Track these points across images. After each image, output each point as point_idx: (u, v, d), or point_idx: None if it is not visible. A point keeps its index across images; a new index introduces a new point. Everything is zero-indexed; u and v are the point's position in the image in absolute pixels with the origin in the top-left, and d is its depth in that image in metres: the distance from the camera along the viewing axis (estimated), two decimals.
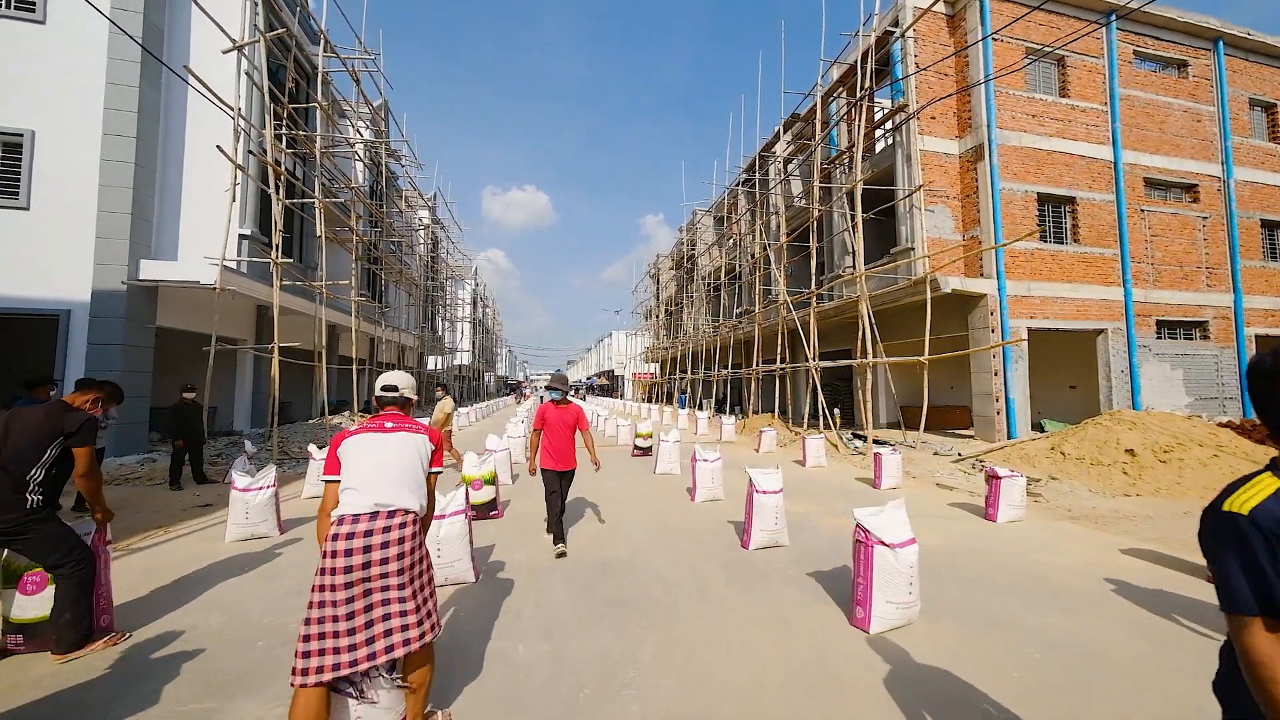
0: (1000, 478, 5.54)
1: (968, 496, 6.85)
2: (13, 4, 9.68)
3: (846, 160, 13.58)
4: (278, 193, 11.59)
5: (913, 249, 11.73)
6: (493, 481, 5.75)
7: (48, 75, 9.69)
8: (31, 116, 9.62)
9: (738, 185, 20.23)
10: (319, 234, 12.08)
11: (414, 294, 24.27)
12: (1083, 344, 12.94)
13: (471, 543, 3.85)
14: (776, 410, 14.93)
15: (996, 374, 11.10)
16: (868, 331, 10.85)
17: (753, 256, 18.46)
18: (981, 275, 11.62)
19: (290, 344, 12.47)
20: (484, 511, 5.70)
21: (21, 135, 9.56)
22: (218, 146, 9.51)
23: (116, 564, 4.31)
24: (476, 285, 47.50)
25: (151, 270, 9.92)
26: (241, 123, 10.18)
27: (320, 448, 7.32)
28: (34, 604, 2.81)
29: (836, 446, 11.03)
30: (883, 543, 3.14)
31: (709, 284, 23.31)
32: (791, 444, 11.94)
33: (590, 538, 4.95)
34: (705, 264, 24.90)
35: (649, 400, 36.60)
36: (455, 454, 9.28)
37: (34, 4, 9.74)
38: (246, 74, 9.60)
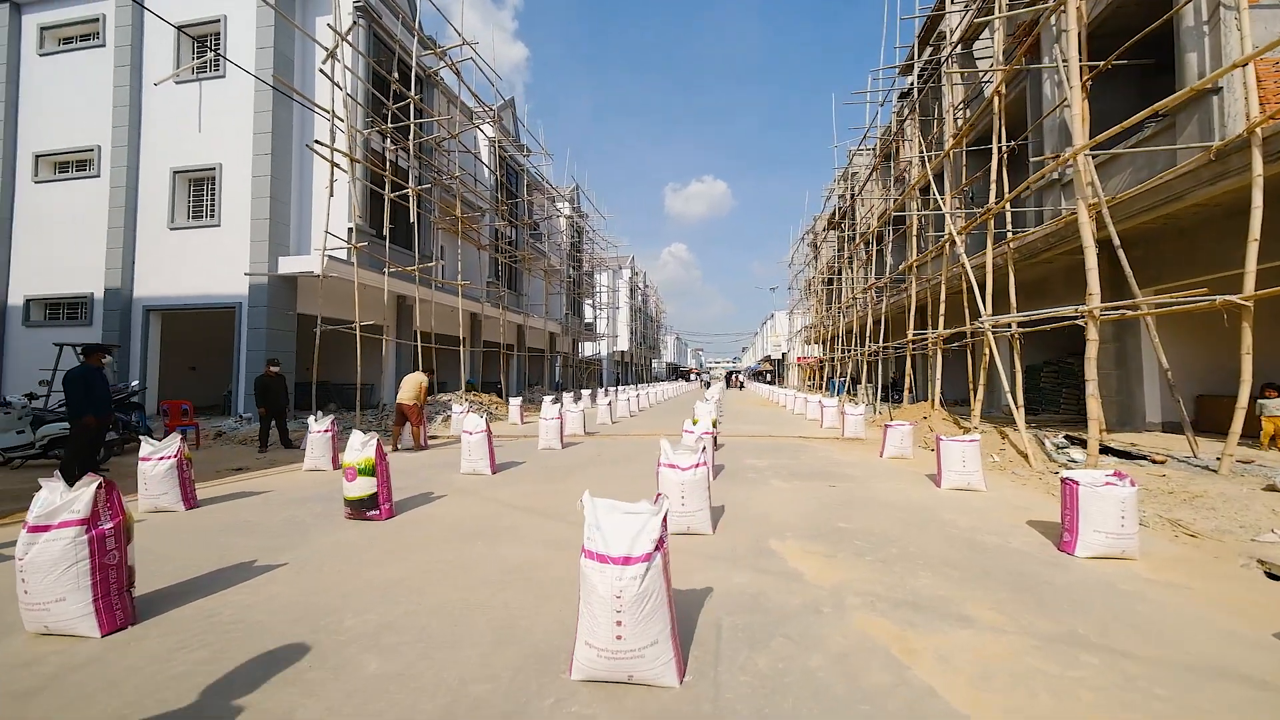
0: None
1: None
2: (210, 68, 12.47)
3: None
4: (380, 185, 12.60)
5: (1217, 91, 6.09)
6: (371, 472, 4.35)
7: (227, 115, 12.20)
8: (220, 151, 12.26)
9: (898, 97, 14.88)
10: (412, 219, 12.76)
11: (548, 281, 25.31)
12: None
13: (99, 571, 2.42)
14: (936, 397, 10.19)
15: None
16: (1092, 255, 6.02)
17: (919, 191, 13.28)
18: None
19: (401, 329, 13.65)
20: (360, 510, 4.37)
21: (214, 169, 12.27)
22: (308, 145, 10.58)
23: None
24: (634, 274, 48.71)
25: (286, 265, 11.70)
26: (339, 123, 11.13)
27: (322, 418, 7.09)
28: None
29: (1026, 457, 6.49)
30: None
31: (867, 239, 18.11)
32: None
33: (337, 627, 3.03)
34: (864, 214, 19.53)
35: (816, 387, 31.66)
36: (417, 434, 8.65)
37: (220, 66, 12.36)
38: (323, 72, 10.29)
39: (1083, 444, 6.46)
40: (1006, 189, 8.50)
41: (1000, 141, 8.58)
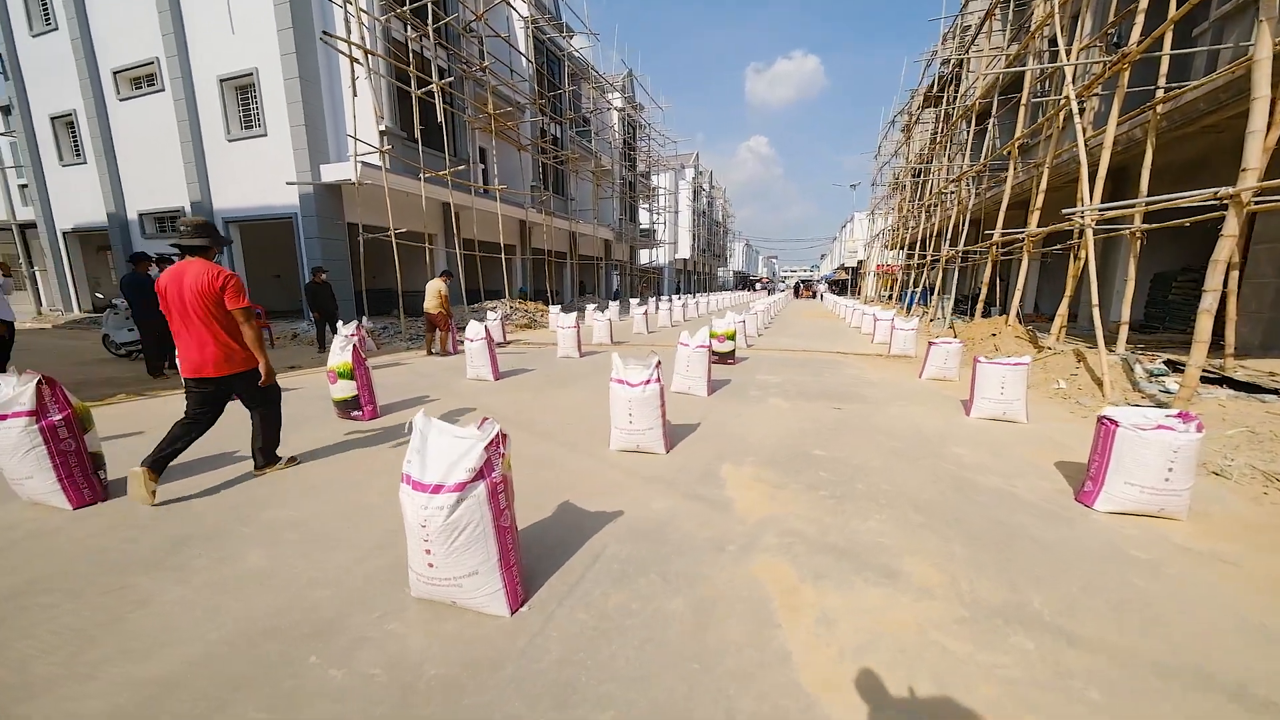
0: None
1: None
2: None
3: None
4: (407, 82, 11.98)
5: None
6: (350, 375, 4.53)
7: (253, 12, 11.88)
8: (254, 54, 12.15)
9: None
10: (440, 119, 12.20)
11: (598, 183, 24.01)
12: None
13: (59, 456, 2.72)
14: (1013, 310, 8.60)
15: None
16: (1262, 112, 4.26)
17: (1047, 42, 10.17)
18: None
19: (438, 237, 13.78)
20: (345, 410, 4.63)
21: (252, 74, 12.28)
22: (321, 37, 10.07)
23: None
24: (698, 174, 44.99)
25: (328, 173, 11.92)
26: (350, 7, 10.41)
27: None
28: None
29: (1101, 385, 5.36)
30: None
31: (969, 115, 14.67)
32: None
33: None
34: (970, 83, 15.66)
35: (890, 299, 28.82)
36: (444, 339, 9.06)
37: None
38: None
39: (1178, 369, 5.18)
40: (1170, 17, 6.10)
41: None
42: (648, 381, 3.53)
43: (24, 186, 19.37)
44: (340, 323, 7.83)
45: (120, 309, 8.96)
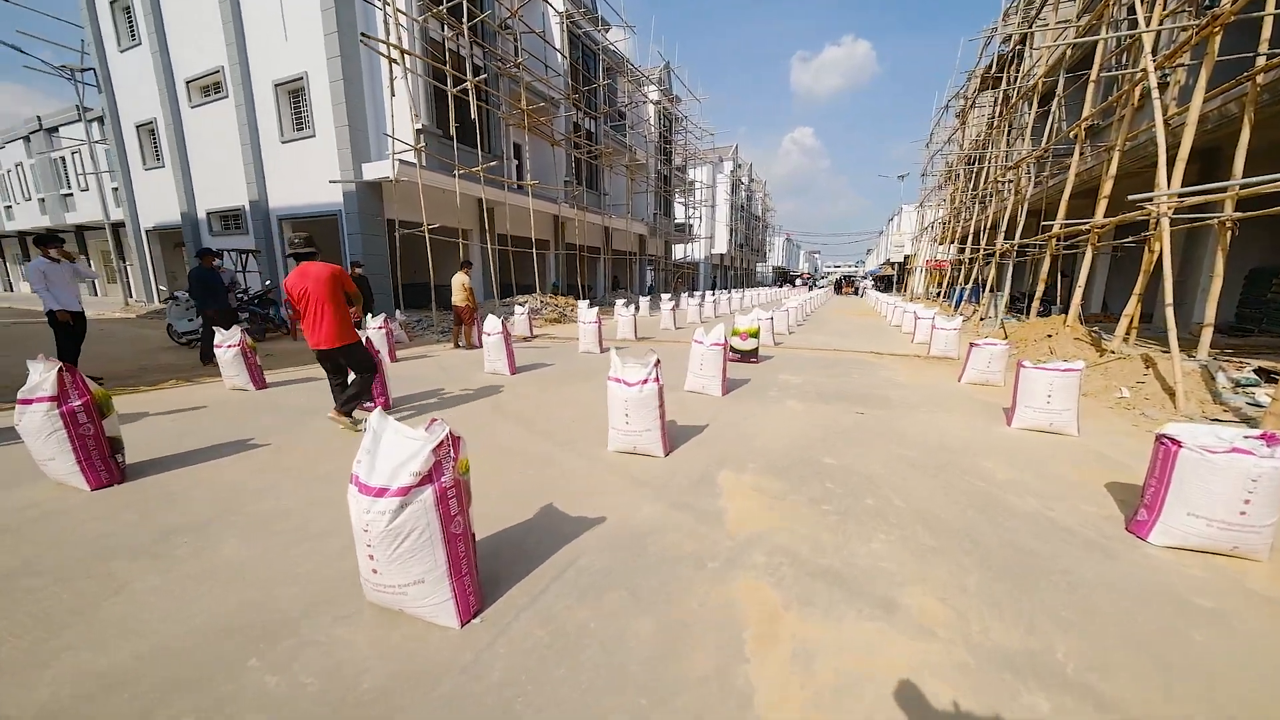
0: None
1: None
2: None
3: None
4: (443, 81, 12.24)
5: None
6: None
7: (303, 19, 12.47)
8: (304, 59, 12.77)
9: None
10: (473, 116, 12.39)
11: (632, 177, 23.83)
12: None
13: (78, 439, 2.88)
14: (1074, 309, 7.77)
15: None
16: None
17: (1125, 8, 9.12)
18: None
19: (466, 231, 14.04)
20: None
21: (302, 78, 12.91)
22: (361, 39, 10.41)
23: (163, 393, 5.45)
24: (736, 167, 43.98)
25: (369, 171, 12.39)
26: (388, 9, 10.70)
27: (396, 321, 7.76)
28: None
29: (1171, 395, 4.72)
30: None
31: (1030, 95, 13.42)
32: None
33: None
34: (1034, 60, 14.33)
35: (941, 295, 27.17)
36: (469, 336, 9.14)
37: None
38: None
39: (1272, 379, 4.48)
40: None
41: None
42: (645, 381, 3.37)
43: (115, 189, 21.34)
44: (369, 315, 8.13)
45: (182, 301, 9.64)
